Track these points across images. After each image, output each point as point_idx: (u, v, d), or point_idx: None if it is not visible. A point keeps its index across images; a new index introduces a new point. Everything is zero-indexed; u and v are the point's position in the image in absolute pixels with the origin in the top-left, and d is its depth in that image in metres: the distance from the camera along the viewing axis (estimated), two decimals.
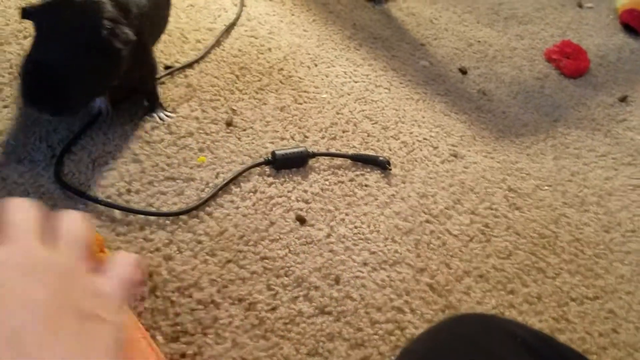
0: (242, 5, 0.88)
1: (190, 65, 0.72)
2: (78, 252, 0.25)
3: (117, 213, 0.51)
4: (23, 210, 0.25)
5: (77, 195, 0.51)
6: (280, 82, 0.74)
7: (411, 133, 0.71)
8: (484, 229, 0.60)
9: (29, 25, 0.71)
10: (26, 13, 0.51)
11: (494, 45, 0.94)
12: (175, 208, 0.54)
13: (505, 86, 0.85)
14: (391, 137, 0.70)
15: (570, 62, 0.90)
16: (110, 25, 0.50)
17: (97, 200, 0.51)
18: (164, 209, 0.53)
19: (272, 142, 0.65)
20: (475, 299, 0.53)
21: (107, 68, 0.52)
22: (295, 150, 0.62)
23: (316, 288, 0.50)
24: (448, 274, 0.55)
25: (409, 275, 0.53)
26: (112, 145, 0.58)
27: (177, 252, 0.50)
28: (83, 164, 0.55)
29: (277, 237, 0.53)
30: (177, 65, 0.71)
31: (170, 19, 0.80)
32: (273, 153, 0.61)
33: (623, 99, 0.86)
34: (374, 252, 0.54)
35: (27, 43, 0.69)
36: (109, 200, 0.52)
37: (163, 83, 0.68)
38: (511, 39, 0.97)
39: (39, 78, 0.49)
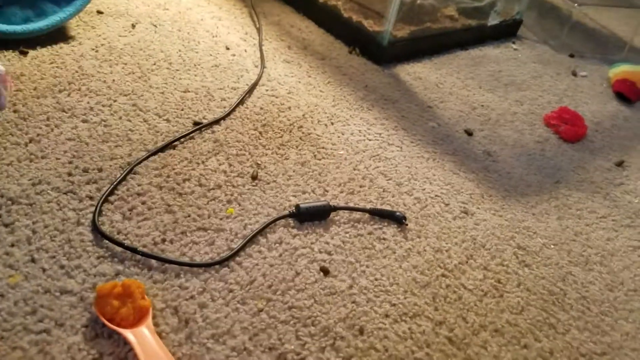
0: (263, 66, 0.94)
1: (217, 121, 0.77)
2: None
3: (153, 262, 0.54)
4: None
5: (116, 244, 0.54)
6: (300, 138, 0.79)
7: (424, 190, 0.75)
8: (496, 284, 0.63)
9: (64, 80, 0.76)
10: None
11: (496, 109, 1.01)
12: (207, 257, 0.56)
13: (508, 148, 0.90)
14: (405, 192, 0.74)
15: (568, 127, 0.96)
16: None
17: (135, 250, 0.54)
18: (197, 258, 0.56)
19: (294, 196, 0.68)
20: (492, 352, 0.55)
21: None
22: (318, 204, 0.66)
23: (342, 338, 0.52)
24: (465, 328, 0.57)
25: (429, 328, 0.56)
26: (146, 196, 0.61)
27: (211, 300, 0.52)
28: (119, 213, 0.58)
29: (303, 287, 0.56)
30: (205, 121, 0.76)
31: (197, 77, 0.85)
32: (297, 206, 0.64)
33: (619, 164, 0.91)
34: (394, 304, 0.57)
35: (62, 96, 0.73)
36: (144, 249, 0.55)
37: (192, 138, 0.72)
38: (512, 104, 1.03)
39: None
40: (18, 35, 0.80)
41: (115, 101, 0.75)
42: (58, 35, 0.86)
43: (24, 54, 0.80)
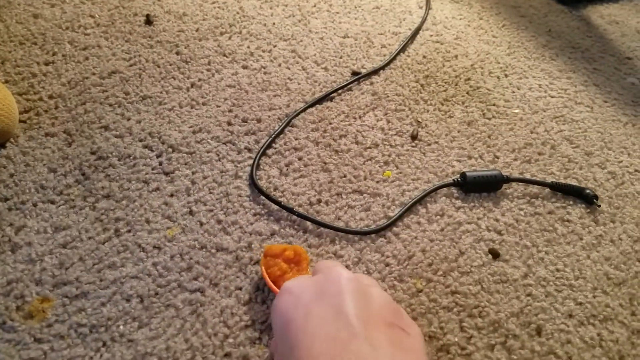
0: (428, 8, 0.84)
1: (376, 71, 0.70)
2: (370, 280, 0.38)
3: (309, 224, 0.51)
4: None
5: (273, 202, 0.52)
6: (467, 93, 0.69)
7: (620, 162, 0.62)
8: None
9: (225, 22, 0.74)
10: None
11: None
12: (362, 224, 0.52)
13: None
14: (596, 165, 0.61)
15: None
16: None
17: (291, 211, 0.51)
18: (352, 224, 0.52)
19: (458, 161, 0.60)
20: None
21: None
22: (488, 173, 0.57)
23: (515, 337, 0.45)
24: None
25: (623, 337, 0.46)
26: (303, 152, 0.58)
27: (366, 272, 0.48)
28: (277, 168, 0.56)
29: (468, 270, 0.49)
30: (363, 71, 0.70)
31: (357, 21, 0.79)
32: (463, 174, 0.56)
33: None
34: (580, 303, 0.48)
35: (224, 39, 0.72)
36: (300, 209, 0.52)
37: (350, 89, 0.67)
38: None
39: None
40: None
41: (275, 46, 0.72)
42: None
43: None
